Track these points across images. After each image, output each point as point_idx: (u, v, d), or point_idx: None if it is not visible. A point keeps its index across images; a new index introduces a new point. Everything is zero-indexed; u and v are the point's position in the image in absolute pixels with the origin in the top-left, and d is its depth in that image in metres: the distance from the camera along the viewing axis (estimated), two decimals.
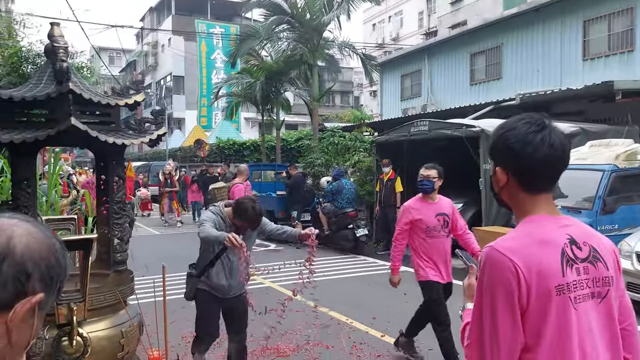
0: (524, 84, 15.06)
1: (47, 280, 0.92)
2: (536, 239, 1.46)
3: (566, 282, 1.42)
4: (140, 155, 40.22)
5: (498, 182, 1.57)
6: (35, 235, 0.93)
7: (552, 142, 1.47)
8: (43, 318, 0.97)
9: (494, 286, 1.43)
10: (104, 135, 2.74)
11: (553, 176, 1.52)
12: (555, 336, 1.41)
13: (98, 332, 2.89)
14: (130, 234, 3.14)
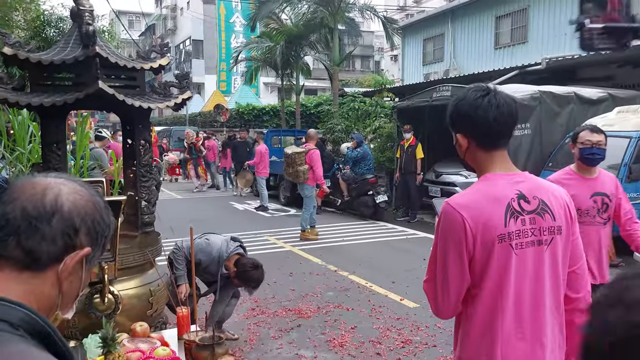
0: (551, 48, 14.65)
1: (93, 235, 0.99)
2: (486, 195, 1.70)
3: (508, 232, 1.66)
4: (160, 120, 40.45)
5: (461, 148, 1.80)
6: (81, 194, 0.99)
7: (498, 103, 1.71)
8: (90, 272, 1.04)
9: (446, 235, 1.70)
10: (130, 99, 2.77)
11: (504, 132, 1.75)
12: (496, 276, 1.66)
13: (128, 290, 2.98)
14: (157, 197, 3.20)
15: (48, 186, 0.96)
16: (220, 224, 10.33)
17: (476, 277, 1.69)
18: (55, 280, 0.95)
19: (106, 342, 2.02)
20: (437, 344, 4.60)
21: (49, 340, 0.89)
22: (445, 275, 1.69)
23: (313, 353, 4.45)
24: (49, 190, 0.96)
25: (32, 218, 0.92)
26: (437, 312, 1.77)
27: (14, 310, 0.86)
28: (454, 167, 10.82)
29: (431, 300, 1.77)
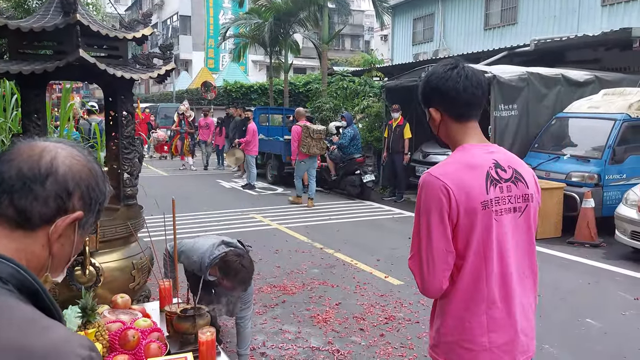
0: (540, 29, 14.64)
1: (86, 200, 0.99)
2: (465, 163, 1.72)
3: (489, 199, 1.68)
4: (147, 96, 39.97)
5: (434, 122, 1.82)
6: (78, 158, 1.00)
7: (466, 74, 1.75)
8: (83, 238, 1.05)
9: (429, 205, 1.68)
10: (112, 69, 2.72)
11: (474, 102, 1.77)
12: (480, 244, 1.68)
13: (110, 263, 2.97)
14: (140, 169, 3.16)
15: (45, 149, 0.98)
16: (206, 201, 10.30)
17: (459, 247, 1.69)
18: (46, 242, 0.96)
19: (85, 312, 2.01)
20: (420, 320, 4.65)
21: (37, 297, 0.90)
22: (430, 247, 1.67)
23: (297, 328, 4.48)
24: (46, 153, 0.97)
25: (26, 178, 0.94)
26: (424, 288, 1.73)
27: (4, 265, 0.88)
28: (442, 147, 10.84)
29: (417, 277, 1.74)
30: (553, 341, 4.22)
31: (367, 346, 4.14)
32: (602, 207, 7.45)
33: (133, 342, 2.08)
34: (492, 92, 8.86)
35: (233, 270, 3.05)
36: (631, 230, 6.39)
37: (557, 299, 5.17)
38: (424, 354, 4.00)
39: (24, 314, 0.84)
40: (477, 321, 1.72)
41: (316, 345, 4.15)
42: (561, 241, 7.39)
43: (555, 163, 8.15)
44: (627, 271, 6.08)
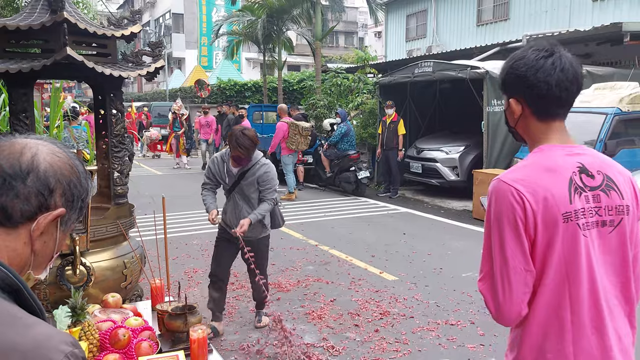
0: (532, 25, 14.68)
1: (68, 197, 0.99)
2: (543, 167, 1.46)
3: (574, 209, 1.42)
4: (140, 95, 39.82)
5: (513, 115, 1.57)
6: (59, 155, 1.00)
7: (563, 65, 1.47)
8: (66, 235, 1.05)
9: (500, 217, 1.43)
10: (100, 67, 2.70)
11: (566, 101, 1.51)
12: (561, 263, 1.42)
13: (101, 262, 2.95)
14: (130, 168, 3.15)
15: (26, 146, 0.97)
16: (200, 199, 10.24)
17: (536, 267, 1.43)
18: (28, 239, 0.96)
19: (75, 312, 2.00)
20: (414, 315, 4.66)
21: (20, 295, 0.90)
22: (505, 266, 1.42)
23: (291, 325, 4.47)
24: (27, 150, 0.96)
25: (7, 175, 0.93)
26: (499, 314, 1.46)
27: None
28: (436, 143, 10.87)
29: (490, 302, 1.47)
30: None
31: (362, 342, 4.15)
32: None
33: (124, 341, 2.07)
34: (484, 88, 8.88)
35: (232, 136, 3.84)
36: None
37: None
38: (418, 349, 4.01)
39: (6, 311, 0.84)
40: (561, 354, 1.46)
41: (311, 341, 4.15)
42: None
43: None
44: None
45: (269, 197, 4.12)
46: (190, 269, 5.98)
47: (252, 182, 4.10)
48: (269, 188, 4.11)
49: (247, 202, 4.16)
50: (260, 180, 4.07)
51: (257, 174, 4.07)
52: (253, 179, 4.08)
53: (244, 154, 3.91)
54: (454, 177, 10.16)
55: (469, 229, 7.94)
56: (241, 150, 3.87)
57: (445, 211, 9.39)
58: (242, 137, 3.84)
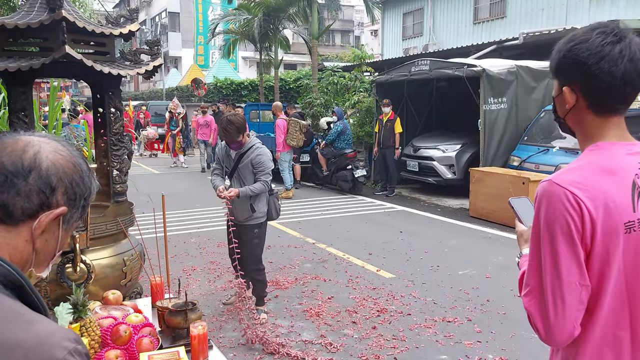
0: (529, 23, 14.72)
1: (70, 195, 0.99)
2: (601, 168, 1.28)
3: (637, 218, 1.25)
4: (136, 94, 39.74)
5: (564, 105, 1.37)
6: (62, 153, 0.99)
7: (632, 55, 1.26)
8: (69, 234, 1.05)
9: (552, 224, 1.25)
10: (99, 65, 2.71)
11: (630, 95, 1.31)
12: (622, 278, 1.27)
13: (101, 260, 2.97)
14: (129, 166, 3.16)
15: (29, 143, 0.97)
16: (198, 198, 10.28)
17: (592, 280, 1.26)
18: (30, 237, 0.96)
19: (76, 308, 2.01)
20: (412, 312, 4.69)
21: (22, 291, 0.90)
22: (557, 280, 1.25)
23: (290, 322, 4.49)
24: (29, 147, 0.96)
25: (8, 173, 0.93)
26: (549, 334, 1.27)
27: None
28: (432, 141, 10.90)
29: (538, 320, 1.28)
30: None
31: (360, 339, 4.17)
32: None
33: (125, 337, 2.08)
34: (481, 86, 8.90)
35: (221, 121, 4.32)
36: None
37: None
38: (416, 346, 4.04)
39: (8, 307, 0.85)
40: None
41: (309, 338, 4.17)
42: None
43: (544, 155, 8.21)
44: None
45: (263, 179, 4.41)
46: (188, 266, 6.00)
47: (247, 165, 4.44)
48: (262, 170, 4.42)
49: (240, 183, 4.48)
50: (253, 162, 4.41)
51: (250, 156, 4.42)
52: (248, 162, 4.43)
53: (228, 137, 4.32)
54: (451, 175, 10.19)
55: (466, 227, 7.97)
56: (225, 133, 4.30)
57: (442, 209, 9.42)
58: (227, 121, 4.29)
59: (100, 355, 2.01)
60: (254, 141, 4.53)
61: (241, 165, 4.46)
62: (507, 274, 5.69)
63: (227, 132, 4.30)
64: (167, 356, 2.01)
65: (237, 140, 4.38)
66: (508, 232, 7.53)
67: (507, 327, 4.35)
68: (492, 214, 8.11)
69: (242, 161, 4.45)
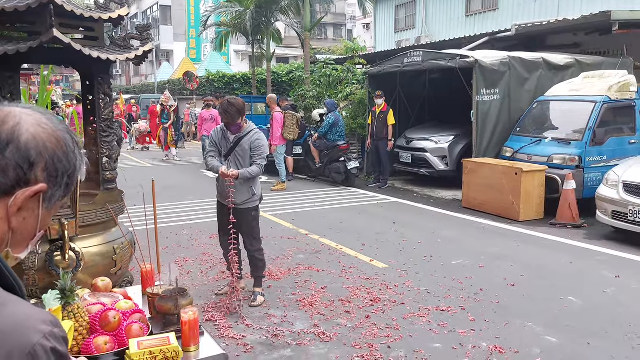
0: (521, 14, 14.71)
1: (52, 172, 0.91)
2: None
3: None
4: (128, 88, 39.46)
5: None
6: (45, 127, 0.91)
7: None
8: (51, 213, 0.97)
9: None
10: (87, 50, 2.66)
11: None
12: None
13: (90, 247, 2.93)
14: (119, 153, 3.11)
15: (10, 114, 0.89)
16: (191, 190, 10.23)
17: None
18: (5, 214, 0.89)
19: (64, 294, 1.97)
20: (405, 301, 4.68)
21: None
22: None
23: (283, 312, 4.47)
24: (10, 119, 0.88)
25: None
26: None
27: None
28: (425, 133, 10.88)
29: None
30: (536, 319, 4.27)
31: (353, 328, 4.15)
32: (584, 188, 7.54)
33: (114, 324, 2.05)
34: (474, 77, 8.89)
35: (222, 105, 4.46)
36: (612, 210, 6.48)
37: (540, 279, 5.24)
38: (410, 334, 4.03)
39: None
40: None
41: (302, 328, 4.15)
42: (544, 223, 7.47)
43: (537, 146, 8.22)
44: (609, 250, 6.17)
45: (259, 162, 4.53)
46: (180, 258, 5.96)
47: (246, 148, 4.54)
48: (259, 154, 4.54)
49: (237, 167, 4.55)
50: (252, 146, 4.53)
51: (250, 140, 4.53)
52: (247, 145, 4.53)
53: (228, 118, 4.43)
54: (444, 166, 10.19)
55: (459, 218, 7.98)
56: (226, 115, 4.42)
57: (435, 200, 9.43)
58: (228, 104, 4.43)
59: (88, 341, 1.97)
60: (253, 126, 4.66)
61: (238, 148, 4.55)
62: (501, 264, 5.69)
63: (228, 114, 4.40)
64: (157, 342, 1.98)
65: (237, 123, 4.48)
66: (501, 222, 7.54)
67: (500, 316, 4.36)
68: (485, 204, 8.11)
69: (240, 144, 4.54)
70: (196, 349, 2.11)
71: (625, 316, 4.34)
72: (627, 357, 3.66)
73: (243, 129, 4.58)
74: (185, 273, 5.49)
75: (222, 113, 4.45)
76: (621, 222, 6.38)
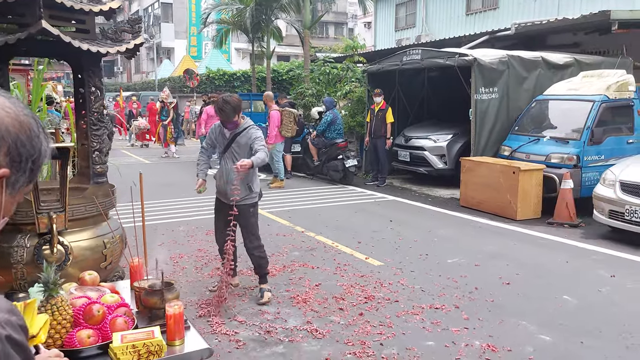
0: (521, 13, 14.67)
1: (14, 156, 0.89)
2: None
3: None
4: (129, 85, 39.46)
5: None
6: (8, 111, 0.89)
7: None
8: (15, 199, 0.95)
9: None
10: (77, 42, 2.64)
11: None
12: None
13: (80, 241, 2.91)
14: (110, 146, 3.09)
15: None
16: (189, 187, 10.17)
17: None
18: None
19: (47, 287, 1.95)
20: (399, 299, 4.66)
21: None
22: None
23: (276, 309, 4.45)
24: None
25: None
26: None
27: None
28: (424, 131, 10.86)
29: None
30: (530, 318, 4.25)
31: (346, 325, 4.14)
32: (581, 187, 7.52)
33: (98, 317, 2.04)
34: (472, 76, 8.87)
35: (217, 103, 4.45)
36: (609, 209, 6.46)
37: (535, 277, 5.21)
38: (402, 332, 4.01)
39: None
40: None
41: (294, 324, 4.13)
42: (541, 222, 7.45)
43: (535, 145, 8.20)
44: (605, 249, 6.15)
45: (261, 148, 4.48)
46: (176, 254, 5.94)
47: (242, 144, 4.54)
48: (260, 142, 4.53)
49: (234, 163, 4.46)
50: (251, 137, 4.53)
51: (247, 135, 4.54)
52: (244, 141, 4.53)
53: (224, 116, 4.44)
54: (442, 165, 10.17)
55: (456, 217, 7.95)
56: (221, 113, 4.43)
57: (433, 199, 9.40)
58: (222, 102, 4.42)
59: (72, 334, 1.96)
60: (250, 122, 4.67)
61: (234, 144, 4.57)
62: (496, 263, 5.67)
63: (223, 111, 4.42)
64: (141, 335, 1.96)
65: (233, 120, 4.49)
66: (498, 221, 7.52)
67: (495, 315, 4.34)
68: (483, 203, 8.09)
69: (238, 141, 4.56)
70: (181, 343, 2.09)
71: (620, 315, 4.32)
72: (621, 357, 3.64)
73: (239, 125, 4.59)
74: (180, 269, 5.48)
75: (218, 111, 4.47)
76: (618, 221, 6.36)
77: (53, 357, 1.35)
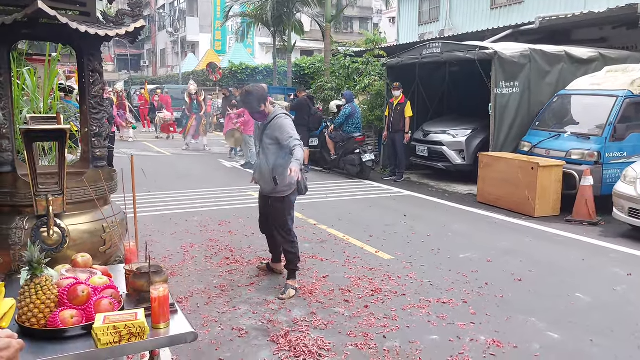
0: (546, 7, 14.33)
1: None
2: None
3: None
4: (154, 79, 39.94)
5: None
6: None
7: None
8: None
9: None
10: (75, 24, 2.63)
11: None
12: None
13: (79, 225, 2.91)
14: (109, 131, 3.09)
15: None
16: (206, 179, 10.27)
17: None
18: None
19: (31, 266, 1.95)
20: (406, 293, 4.59)
21: None
22: None
23: (281, 300, 4.43)
24: None
25: None
26: None
27: None
28: (443, 126, 10.70)
29: None
30: (540, 315, 4.14)
31: (350, 317, 4.08)
32: (602, 185, 7.31)
33: (82, 298, 2.03)
34: (493, 69, 8.69)
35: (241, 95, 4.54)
36: (629, 207, 6.26)
37: (549, 275, 5.08)
38: (407, 325, 3.94)
39: None
40: None
41: (298, 315, 4.10)
42: (559, 219, 7.27)
43: (555, 141, 8.00)
44: (623, 248, 5.96)
45: (294, 144, 4.20)
46: (187, 243, 5.97)
47: (271, 135, 4.39)
48: (289, 137, 4.26)
49: (265, 156, 4.47)
50: (277, 131, 4.33)
51: (273, 125, 4.38)
52: (272, 132, 4.38)
53: (249, 107, 4.44)
54: (460, 160, 10.01)
55: (472, 212, 7.82)
56: (246, 105, 4.46)
57: (450, 195, 9.26)
58: (245, 94, 4.42)
59: (55, 314, 1.95)
60: (279, 111, 4.48)
61: (265, 137, 4.45)
62: (510, 259, 5.55)
63: (247, 103, 4.39)
64: (124, 317, 1.95)
65: (259, 111, 4.39)
66: (515, 217, 7.37)
67: (503, 311, 4.23)
68: (500, 199, 7.94)
69: (265, 133, 4.45)
70: (166, 326, 2.07)
71: (634, 315, 4.17)
72: (631, 357, 3.51)
73: (268, 115, 4.42)
74: (190, 258, 5.49)
75: (242, 104, 4.50)
76: (638, 219, 6.16)
77: (3, 337, 1.34)
